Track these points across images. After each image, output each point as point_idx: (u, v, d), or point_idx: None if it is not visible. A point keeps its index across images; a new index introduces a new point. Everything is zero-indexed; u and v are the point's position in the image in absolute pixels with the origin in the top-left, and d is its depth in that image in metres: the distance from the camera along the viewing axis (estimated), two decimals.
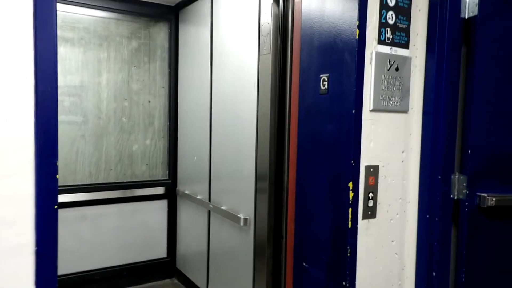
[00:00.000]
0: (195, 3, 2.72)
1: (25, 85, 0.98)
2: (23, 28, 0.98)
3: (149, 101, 3.01)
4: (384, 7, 1.53)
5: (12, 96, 0.97)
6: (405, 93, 1.61)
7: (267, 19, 1.94)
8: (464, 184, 1.59)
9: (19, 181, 0.98)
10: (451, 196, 1.62)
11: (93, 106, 2.79)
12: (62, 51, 2.64)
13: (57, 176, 1.01)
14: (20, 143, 0.98)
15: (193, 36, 2.78)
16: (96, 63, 2.78)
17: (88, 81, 2.75)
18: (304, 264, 1.75)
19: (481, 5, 1.53)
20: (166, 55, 3.04)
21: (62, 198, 2.58)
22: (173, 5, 2.96)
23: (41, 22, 0.97)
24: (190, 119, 2.86)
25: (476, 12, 1.55)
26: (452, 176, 1.62)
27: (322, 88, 1.63)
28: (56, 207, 1.01)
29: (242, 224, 2.13)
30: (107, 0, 2.75)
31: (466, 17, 1.58)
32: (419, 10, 1.63)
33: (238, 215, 2.19)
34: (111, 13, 2.81)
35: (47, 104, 0.99)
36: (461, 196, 1.60)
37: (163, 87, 3.05)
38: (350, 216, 1.51)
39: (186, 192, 2.89)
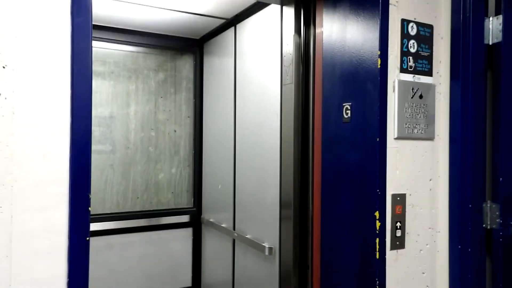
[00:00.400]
0: (219, 35, 2.83)
1: (62, 122, 1.04)
2: (62, 70, 1.05)
3: (175, 131, 3.09)
4: (405, 36, 1.54)
5: (50, 132, 1.03)
6: (430, 120, 1.60)
7: (289, 49, 1.99)
8: (496, 213, 1.54)
9: (54, 214, 1.03)
10: (483, 225, 1.57)
11: (122, 136, 2.88)
12: (94, 84, 2.77)
13: (90, 209, 1.05)
14: (56, 177, 1.03)
15: (217, 67, 2.87)
16: (125, 95, 2.90)
17: (117, 112, 2.87)
18: None
19: (505, 31, 1.53)
20: (191, 86, 3.13)
21: (91, 227, 2.63)
22: (198, 38, 3.08)
23: (78, 63, 1.04)
24: (214, 148, 2.91)
25: (500, 38, 1.54)
26: (484, 205, 1.57)
27: (345, 116, 1.64)
28: (88, 238, 1.05)
29: (267, 253, 2.12)
30: (136, 35, 2.89)
31: (490, 43, 1.58)
32: (441, 38, 1.63)
33: (263, 244, 2.17)
34: (140, 47, 2.95)
35: (81, 139, 1.04)
36: (494, 226, 1.55)
37: (188, 117, 3.13)
38: (377, 247, 1.48)
39: (211, 220, 2.90)
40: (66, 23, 1.05)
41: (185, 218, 3.06)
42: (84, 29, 1.05)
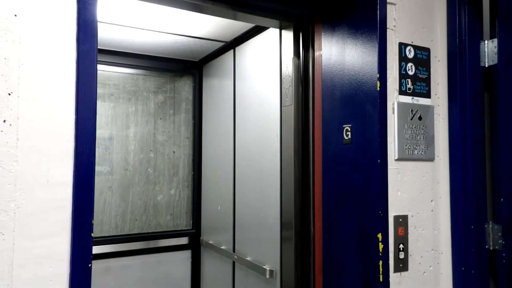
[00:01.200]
0: (218, 58, 2.87)
1: (66, 148, 1.04)
2: (66, 96, 1.06)
3: (174, 152, 3.09)
4: (403, 59, 1.57)
5: (54, 158, 1.03)
6: (430, 141, 1.61)
7: (289, 71, 2.02)
8: (499, 234, 1.53)
9: (57, 240, 1.02)
10: (486, 246, 1.56)
11: (121, 158, 2.88)
12: None
13: (92, 235, 1.04)
14: (59, 202, 1.03)
15: (216, 88, 2.90)
16: (124, 117, 2.91)
17: (117, 134, 2.87)
18: None
19: (500, 54, 1.56)
20: (190, 107, 3.15)
21: None
22: (197, 60, 3.12)
23: (83, 89, 1.05)
24: (214, 169, 2.91)
25: (496, 61, 1.57)
26: (486, 226, 1.57)
27: (346, 138, 1.65)
28: (90, 265, 1.04)
29: (268, 276, 2.09)
30: (136, 58, 2.93)
31: (486, 65, 1.61)
32: (438, 61, 1.66)
33: (264, 266, 2.14)
34: (139, 69, 2.98)
35: (85, 165, 1.04)
36: (497, 247, 1.54)
37: (187, 138, 3.14)
38: (381, 269, 1.46)
39: (210, 242, 2.87)
40: (72, 50, 1.07)
41: (184, 240, 3.02)
42: (89, 55, 1.06)
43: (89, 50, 1.06)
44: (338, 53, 1.71)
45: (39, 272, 1.00)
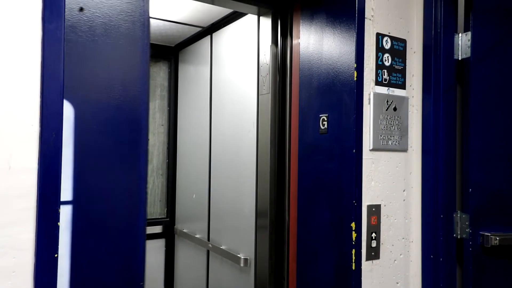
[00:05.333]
0: (195, 44, 2.80)
1: (30, 133, 0.98)
2: (31, 75, 1.00)
3: (148, 139, 3.02)
4: (380, 50, 1.58)
5: (16, 143, 0.98)
6: (403, 132, 1.63)
7: (266, 59, 2.00)
8: (466, 223, 1.58)
9: (20, 229, 0.97)
10: (454, 235, 1.61)
11: None
12: None
13: (59, 224, 1.00)
14: (22, 190, 0.97)
15: (192, 75, 2.84)
16: None
17: None
18: None
19: (473, 47, 1.59)
20: (165, 94, 3.08)
21: None
22: (173, 45, 3.04)
23: (49, 68, 0.99)
24: (189, 157, 2.86)
25: (469, 54, 1.60)
26: (454, 215, 1.61)
27: (322, 127, 1.65)
28: (56, 255, 0.99)
29: (242, 264, 2.09)
30: None
31: (460, 58, 1.64)
32: (414, 52, 1.68)
33: (238, 255, 2.14)
34: None
35: (51, 151, 0.99)
36: (464, 235, 1.59)
37: (162, 125, 3.08)
38: (353, 257, 1.49)
39: (185, 230, 2.84)
40: (36, 28, 1.00)
41: (157, 229, 2.98)
42: (55, 35, 1.00)
43: (55, 29, 0.99)
44: (316, 41, 1.70)
45: (1, 263, 0.95)
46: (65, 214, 1.25)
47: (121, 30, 1.34)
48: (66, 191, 1.24)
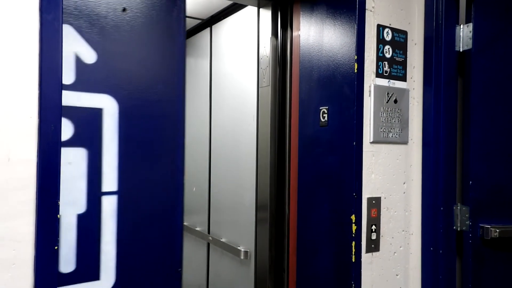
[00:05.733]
0: (194, 36, 2.78)
1: (29, 125, 0.98)
2: (29, 66, 0.99)
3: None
4: (381, 41, 1.57)
5: (15, 135, 0.97)
6: (404, 124, 1.63)
7: (266, 52, 1.98)
8: (466, 215, 1.58)
9: (20, 222, 0.96)
10: (454, 227, 1.61)
11: None
12: None
13: (58, 216, 0.99)
14: (22, 182, 0.97)
15: (192, 67, 2.83)
16: None
17: None
18: None
19: (474, 39, 1.58)
20: None
21: None
22: None
23: (47, 60, 0.98)
24: (189, 150, 2.85)
25: (470, 46, 1.59)
26: (454, 207, 1.61)
27: (322, 120, 1.64)
28: (56, 248, 0.99)
29: (242, 257, 2.09)
30: None
31: (461, 50, 1.63)
32: (415, 44, 1.67)
33: (238, 248, 2.15)
34: None
35: (50, 143, 0.98)
36: (464, 228, 1.59)
37: None
38: (353, 250, 1.49)
39: (185, 223, 2.85)
40: (34, 19, 0.99)
41: None
42: (53, 26, 0.99)
43: (53, 20, 0.98)
44: (316, 33, 1.69)
45: (1, 255, 0.95)
46: (111, 203, 1.35)
47: (160, 28, 1.42)
48: (112, 182, 1.35)
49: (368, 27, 1.53)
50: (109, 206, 1.34)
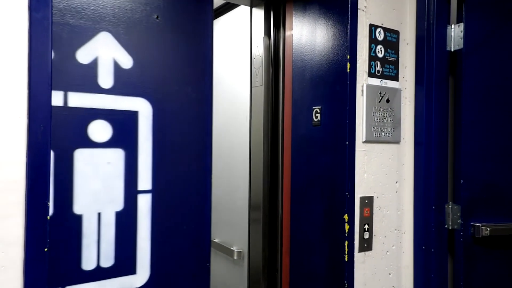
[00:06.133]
0: None
1: (18, 125, 0.96)
2: (18, 66, 0.98)
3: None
4: (373, 41, 1.57)
5: (4, 136, 0.95)
6: (396, 124, 1.63)
7: (259, 51, 1.98)
8: (458, 214, 1.59)
9: (9, 223, 0.95)
10: (446, 226, 1.62)
11: None
12: None
13: (48, 217, 0.98)
14: (11, 183, 0.95)
15: None
16: None
17: None
18: None
19: (466, 39, 1.59)
20: None
21: None
22: None
23: (37, 59, 0.97)
24: None
25: (461, 46, 1.60)
26: (446, 206, 1.63)
27: (315, 120, 1.64)
28: (46, 249, 0.98)
29: (235, 257, 2.09)
30: None
31: (452, 50, 1.64)
32: (407, 44, 1.67)
33: (232, 248, 2.14)
34: None
35: (39, 144, 0.97)
36: (455, 226, 1.60)
37: None
38: (346, 249, 1.49)
39: None
40: (23, 18, 0.97)
41: None
42: (42, 24, 0.98)
43: (42, 19, 0.97)
44: (309, 33, 1.69)
45: None
46: (146, 201, 1.43)
47: (189, 33, 1.52)
48: (147, 181, 1.43)
49: (360, 26, 1.53)
50: (144, 204, 1.43)
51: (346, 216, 1.49)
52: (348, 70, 1.49)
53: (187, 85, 1.51)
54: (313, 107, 1.65)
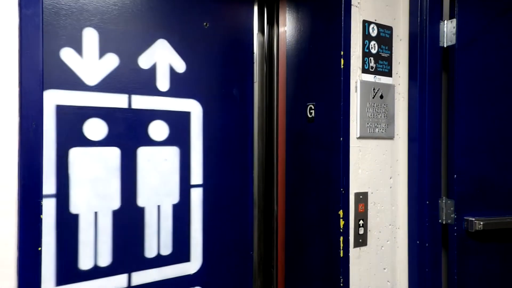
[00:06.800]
0: None
1: (9, 123, 0.95)
2: (8, 64, 0.96)
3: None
4: (366, 37, 1.57)
5: None
6: (390, 120, 1.64)
7: (253, 48, 1.97)
8: (451, 209, 1.61)
9: (2, 223, 0.94)
10: (440, 221, 1.64)
11: None
12: None
13: (41, 216, 0.97)
14: (3, 182, 0.94)
15: None
16: None
17: None
18: None
19: (458, 35, 1.60)
20: None
21: None
22: None
23: (28, 56, 0.96)
24: None
25: (454, 41, 1.61)
26: (440, 201, 1.64)
27: (309, 116, 1.64)
28: (40, 249, 0.97)
29: None
30: None
31: (445, 46, 1.64)
32: (400, 40, 1.68)
33: None
34: None
35: (31, 142, 0.96)
36: (449, 221, 1.62)
37: None
38: (341, 245, 1.50)
39: None
40: (13, 14, 0.96)
41: None
42: (33, 21, 0.96)
43: (33, 15, 0.96)
44: (302, 29, 1.68)
45: None
46: (198, 195, 1.57)
47: (234, 39, 1.65)
48: (198, 176, 1.58)
49: (354, 22, 1.53)
50: (196, 198, 1.57)
51: (341, 212, 1.50)
52: (342, 66, 1.49)
53: (232, 87, 1.66)
54: (307, 104, 1.65)
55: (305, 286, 1.67)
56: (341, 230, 1.49)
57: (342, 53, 1.49)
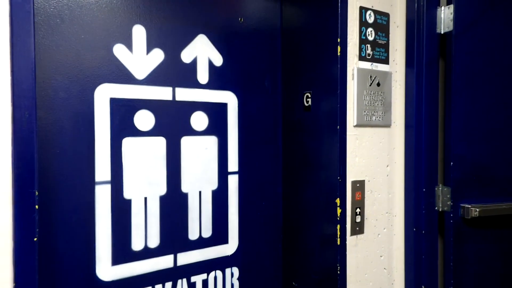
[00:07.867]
0: None
1: (1, 113, 0.93)
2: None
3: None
4: (363, 24, 1.56)
5: None
6: (387, 107, 1.63)
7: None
8: (448, 196, 1.61)
9: None
10: (436, 208, 1.64)
11: None
12: None
13: (37, 207, 0.96)
14: None
15: None
16: None
17: None
18: (293, 283, 1.72)
19: (456, 21, 1.58)
20: None
21: None
22: None
23: (19, 46, 0.94)
24: None
25: (451, 28, 1.59)
26: (436, 188, 1.64)
27: (306, 104, 1.63)
28: (35, 239, 0.96)
29: None
30: None
31: (442, 32, 1.63)
32: (397, 27, 1.66)
33: None
34: None
35: (24, 132, 0.94)
36: (445, 208, 1.62)
37: None
38: (338, 233, 1.50)
39: None
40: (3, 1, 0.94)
41: None
42: (24, 8, 0.94)
43: (23, 2, 0.93)
44: (298, 16, 1.66)
45: None
46: (234, 181, 1.67)
47: (265, 33, 1.73)
48: (234, 164, 1.68)
49: (350, 9, 1.51)
50: (233, 184, 1.67)
51: (338, 200, 1.50)
52: (338, 54, 1.48)
53: (263, 79, 1.73)
54: (304, 92, 1.63)
55: (302, 274, 1.68)
56: (338, 218, 1.50)
57: (338, 40, 1.47)
